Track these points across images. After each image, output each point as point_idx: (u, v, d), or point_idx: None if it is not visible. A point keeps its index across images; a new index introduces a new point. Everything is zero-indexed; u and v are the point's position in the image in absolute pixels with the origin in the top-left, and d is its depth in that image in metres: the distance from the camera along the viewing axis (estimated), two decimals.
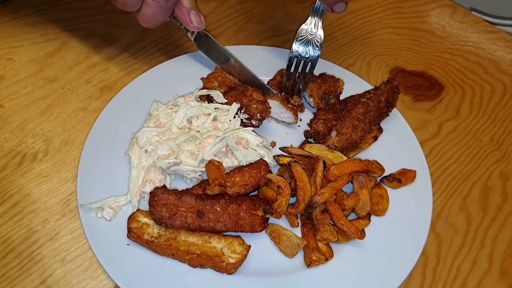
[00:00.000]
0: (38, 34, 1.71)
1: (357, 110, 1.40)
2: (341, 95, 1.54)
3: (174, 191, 1.20)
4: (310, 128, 1.45)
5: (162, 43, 1.74)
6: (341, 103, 1.49)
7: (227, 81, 1.52)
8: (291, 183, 1.26)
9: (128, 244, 1.18)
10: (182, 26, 1.44)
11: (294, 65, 1.48)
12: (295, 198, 1.23)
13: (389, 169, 1.38)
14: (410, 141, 1.46)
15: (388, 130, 1.48)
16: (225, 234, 1.20)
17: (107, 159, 1.33)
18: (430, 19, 2.02)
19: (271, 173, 1.31)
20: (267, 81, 1.57)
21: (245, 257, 1.16)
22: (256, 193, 1.31)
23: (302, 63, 1.47)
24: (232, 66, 1.54)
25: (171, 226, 1.16)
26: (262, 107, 1.41)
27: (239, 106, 1.40)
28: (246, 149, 1.35)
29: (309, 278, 1.17)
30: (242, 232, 1.21)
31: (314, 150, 1.36)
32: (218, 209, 1.19)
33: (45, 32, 1.72)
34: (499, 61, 1.86)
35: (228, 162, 1.34)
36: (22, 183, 1.33)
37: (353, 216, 1.29)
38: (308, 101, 1.55)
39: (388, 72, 1.78)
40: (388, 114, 1.51)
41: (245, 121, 1.42)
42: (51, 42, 1.70)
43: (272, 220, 1.25)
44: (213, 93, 1.44)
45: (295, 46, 1.46)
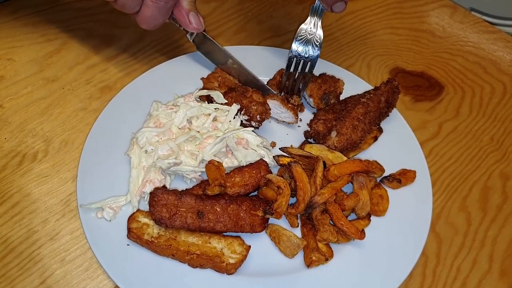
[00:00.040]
0: (38, 34, 1.71)
1: (357, 111, 1.40)
2: (341, 95, 1.54)
3: (174, 192, 1.20)
4: (310, 128, 1.45)
5: (162, 44, 1.74)
6: (341, 103, 1.49)
7: (227, 81, 1.52)
8: (291, 184, 1.26)
9: (128, 244, 1.18)
10: (181, 27, 1.44)
11: (293, 64, 1.48)
12: (295, 198, 1.23)
13: (389, 169, 1.38)
14: (410, 141, 1.46)
15: (388, 131, 1.48)
16: (225, 234, 1.20)
17: (107, 159, 1.33)
18: (430, 20, 2.02)
19: (271, 173, 1.31)
20: (267, 81, 1.57)
21: (245, 257, 1.16)
22: (256, 193, 1.31)
23: (301, 63, 1.47)
24: (231, 67, 1.53)
25: (171, 227, 1.16)
26: (262, 109, 1.41)
27: (239, 107, 1.40)
28: (246, 149, 1.35)
29: (309, 278, 1.17)
30: (242, 232, 1.21)
31: (314, 150, 1.36)
32: (218, 209, 1.19)
33: (45, 32, 1.72)
34: (499, 61, 1.86)
35: (228, 163, 1.34)
36: (22, 183, 1.33)
37: (353, 216, 1.29)
38: (308, 101, 1.55)
39: (388, 72, 1.78)
40: (388, 115, 1.51)
41: (244, 122, 1.42)
42: (51, 42, 1.70)
43: (272, 220, 1.25)
44: (213, 93, 1.44)
45: (295, 46, 1.46)
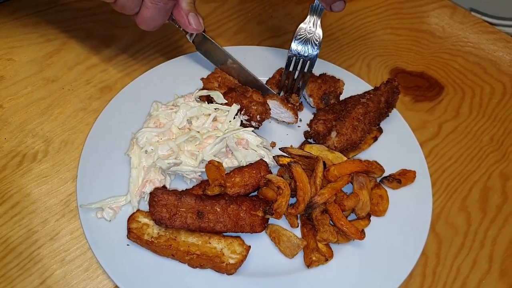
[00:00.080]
0: (38, 35, 1.71)
1: (357, 111, 1.40)
2: (341, 96, 1.54)
3: (174, 192, 1.20)
4: (310, 128, 1.45)
5: (161, 44, 1.74)
6: (341, 104, 1.49)
7: (227, 81, 1.52)
8: (291, 184, 1.26)
9: (128, 244, 1.18)
10: (181, 28, 1.44)
11: (293, 64, 1.48)
12: (295, 198, 1.23)
13: (389, 169, 1.38)
14: (410, 141, 1.46)
15: (388, 131, 1.48)
16: (225, 234, 1.20)
17: (107, 160, 1.33)
18: (430, 20, 2.02)
19: (271, 173, 1.31)
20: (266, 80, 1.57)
21: (245, 257, 1.16)
22: (256, 193, 1.31)
23: (301, 62, 1.47)
24: (231, 67, 1.53)
25: (171, 227, 1.16)
26: (262, 109, 1.41)
27: (239, 107, 1.40)
28: (246, 149, 1.35)
29: (309, 278, 1.17)
30: (242, 232, 1.21)
31: (314, 150, 1.36)
32: (218, 209, 1.19)
33: (44, 32, 1.72)
34: (499, 61, 1.86)
35: (228, 163, 1.34)
36: (22, 184, 1.33)
37: (353, 216, 1.29)
38: (308, 101, 1.55)
39: (388, 72, 1.78)
40: (388, 115, 1.51)
41: (245, 122, 1.42)
42: (51, 42, 1.70)
43: (272, 220, 1.25)
44: (213, 93, 1.44)
45: (294, 45, 1.46)
